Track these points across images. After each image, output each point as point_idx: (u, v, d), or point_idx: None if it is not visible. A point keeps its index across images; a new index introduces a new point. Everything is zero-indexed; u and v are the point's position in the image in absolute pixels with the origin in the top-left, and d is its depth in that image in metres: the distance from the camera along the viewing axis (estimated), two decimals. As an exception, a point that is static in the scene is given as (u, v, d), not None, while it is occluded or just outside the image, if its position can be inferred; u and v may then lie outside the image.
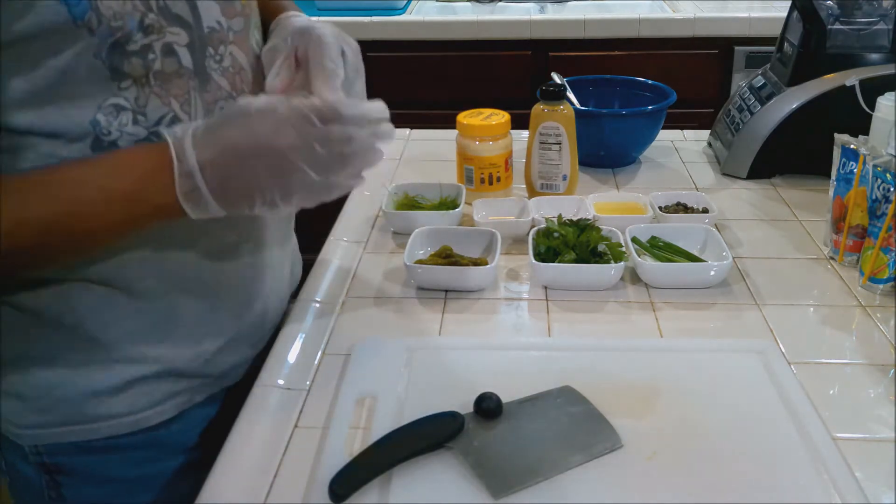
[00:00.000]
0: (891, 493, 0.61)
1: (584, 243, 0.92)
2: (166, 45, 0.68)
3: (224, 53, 0.73)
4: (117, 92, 0.66)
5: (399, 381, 0.74)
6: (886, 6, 1.13)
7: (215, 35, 0.72)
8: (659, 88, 1.30)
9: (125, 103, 0.67)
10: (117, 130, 0.67)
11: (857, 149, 0.91)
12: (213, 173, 0.64)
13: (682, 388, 0.72)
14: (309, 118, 0.65)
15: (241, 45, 0.76)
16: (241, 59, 0.76)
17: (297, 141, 0.65)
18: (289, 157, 0.65)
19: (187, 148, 0.64)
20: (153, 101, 0.68)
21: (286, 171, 0.65)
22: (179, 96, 0.70)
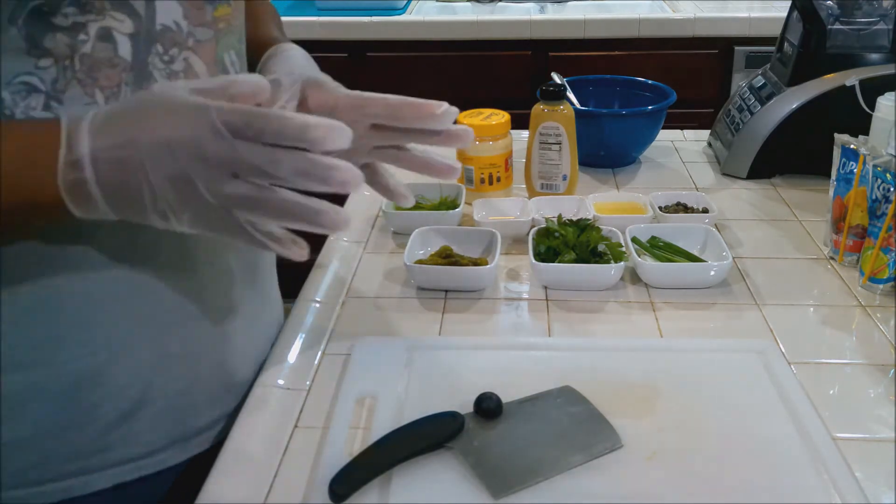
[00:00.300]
0: (891, 493, 0.61)
1: (584, 243, 0.92)
2: (104, 29, 0.59)
3: (176, 56, 0.65)
4: (33, 69, 0.57)
5: (399, 381, 0.74)
6: (886, 6, 1.13)
7: (168, 34, 0.64)
8: (659, 88, 1.30)
9: (39, 84, 0.58)
10: (23, 113, 0.57)
11: (857, 149, 0.91)
12: (105, 167, 0.53)
13: (682, 388, 0.72)
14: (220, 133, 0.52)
15: (202, 55, 0.67)
16: (199, 69, 0.67)
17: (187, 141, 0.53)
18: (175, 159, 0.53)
19: (82, 132, 0.53)
20: (74, 87, 0.59)
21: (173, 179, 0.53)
22: (107, 88, 0.61)
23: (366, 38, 2.27)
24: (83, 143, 0.53)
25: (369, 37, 2.26)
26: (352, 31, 2.26)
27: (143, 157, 0.53)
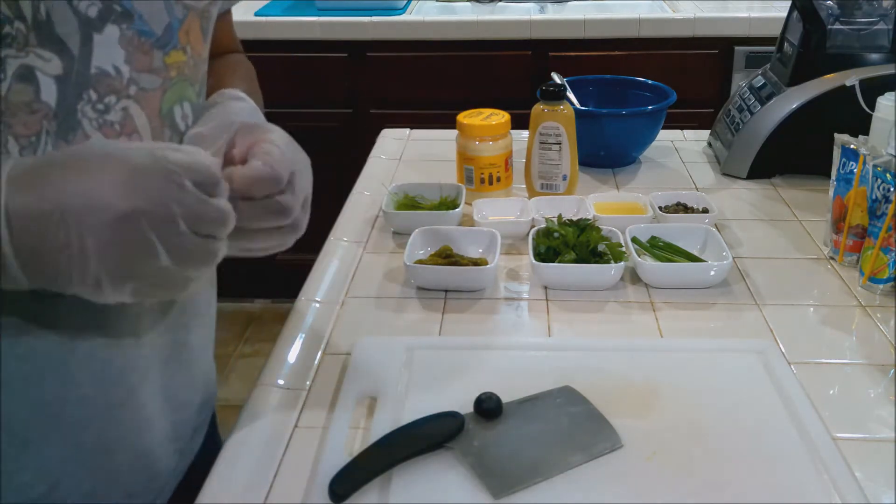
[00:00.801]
0: (891, 493, 0.61)
1: (584, 243, 0.92)
2: (24, 67, 0.51)
3: (112, 104, 0.57)
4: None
5: (399, 381, 0.74)
6: (886, 6, 1.13)
7: (105, 80, 0.56)
8: (659, 88, 1.30)
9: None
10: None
11: (857, 149, 0.91)
12: (23, 225, 0.47)
13: (682, 388, 0.72)
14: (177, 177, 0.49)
15: (145, 105, 0.60)
16: (140, 121, 0.59)
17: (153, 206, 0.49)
18: (136, 225, 0.48)
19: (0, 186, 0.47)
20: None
21: (128, 246, 0.49)
22: (23, 136, 0.52)
23: (366, 38, 2.27)
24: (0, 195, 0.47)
25: (369, 37, 2.26)
26: (352, 31, 2.26)
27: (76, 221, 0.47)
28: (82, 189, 0.48)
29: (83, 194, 0.48)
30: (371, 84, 2.31)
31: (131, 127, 0.59)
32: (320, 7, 2.32)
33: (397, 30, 2.26)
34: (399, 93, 2.32)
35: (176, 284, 0.52)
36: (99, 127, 0.56)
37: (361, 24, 2.25)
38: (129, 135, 0.59)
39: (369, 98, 2.33)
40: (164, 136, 0.62)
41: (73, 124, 0.55)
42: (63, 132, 0.55)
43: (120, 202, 0.48)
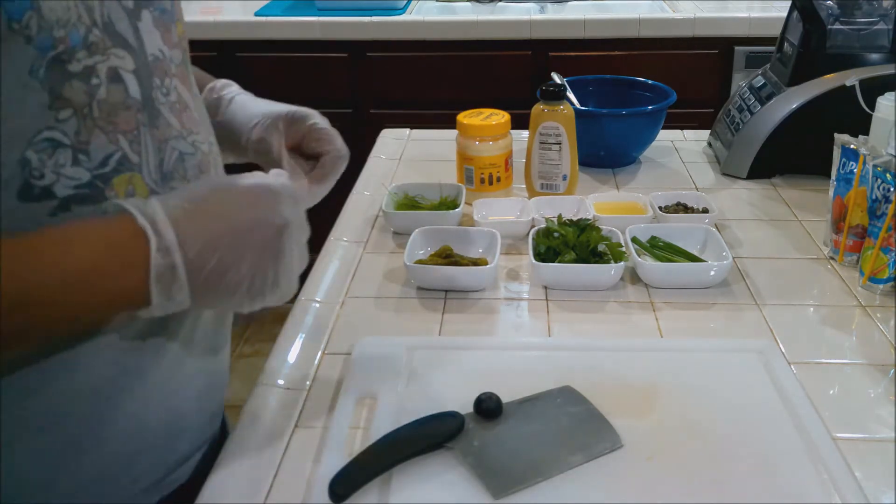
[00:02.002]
0: (891, 493, 0.61)
1: (584, 243, 0.92)
2: (112, 70, 0.57)
3: (170, 87, 0.63)
4: (54, 123, 0.54)
5: (399, 381, 0.74)
6: (886, 6, 1.13)
7: (158, 65, 0.62)
8: (659, 88, 1.30)
9: (63, 138, 0.54)
10: (53, 173, 0.54)
11: (857, 149, 0.91)
12: (195, 249, 0.54)
13: (681, 388, 0.72)
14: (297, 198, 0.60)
15: (182, 80, 0.66)
16: (185, 96, 0.65)
17: (294, 220, 0.59)
18: (286, 236, 0.58)
19: (160, 219, 0.54)
20: (97, 136, 0.56)
21: (279, 254, 0.58)
22: (128, 132, 0.58)
23: (366, 38, 2.27)
24: (168, 230, 0.54)
25: (369, 37, 2.26)
26: (352, 31, 2.26)
27: (245, 240, 0.56)
28: (245, 212, 0.57)
29: (249, 217, 0.57)
30: (371, 84, 2.31)
31: (183, 104, 0.65)
32: (320, 7, 2.32)
33: (397, 30, 2.26)
34: (399, 93, 2.32)
35: (294, 288, 0.61)
36: (171, 110, 0.63)
37: (361, 24, 2.25)
38: (184, 110, 0.65)
39: (369, 98, 2.32)
40: (198, 103, 0.69)
41: (155, 112, 0.61)
42: (152, 121, 0.61)
43: (276, 220, 0.58)
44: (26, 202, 0.54)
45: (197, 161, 0.65)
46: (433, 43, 2.27)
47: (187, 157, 0.64)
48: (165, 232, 0.53)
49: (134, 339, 0.62)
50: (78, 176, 0.55)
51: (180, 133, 0.63)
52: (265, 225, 0.57)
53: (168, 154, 0.62)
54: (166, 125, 0.62)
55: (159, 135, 0.61)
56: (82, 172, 0.56)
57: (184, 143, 0.64)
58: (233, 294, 0.57)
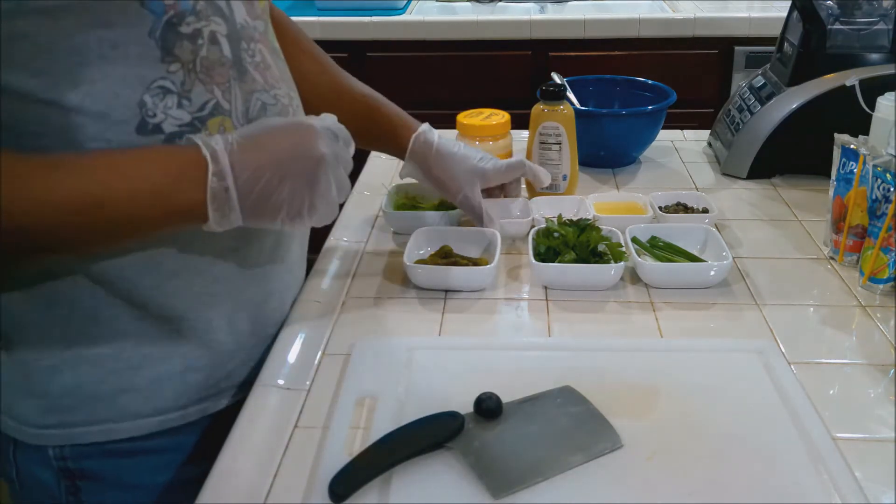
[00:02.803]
0: (891, 493, 0.61)
1: (584, 243, 0.92)
2: (212, 34, 0.70)
3: (255, 49, 0.75)
4: (165, 74, 0.67)
5: (399, 381, 0.74)
6: (886, 6, 1.13)
7: (246, 32, 0.74)
8: (659, 88, 1.30)
9: (171, 86, 0.68)
10: (162, 113, 0.67)
11: (857, 149, 0.91)
12: (245, 175, 0.67)
13: (682, 388, 0.72)
14: (336, 135, 0.72)
15: (265, 44, 0.77)
16: (268, 57, 0.77)
17: (329, 153, 0.70)
18: (322, 166, 0.70)
19: (219, 150, 0.66)
20: (198, 86, 0.69)
21: (316, 181, 0.70)
22: (221, 84, 0.71)
23: (366, 38, 2.27)
24: (223, 156, 0.66)
25: (369, 37, 2.26)
26: (352, 31, 2.26)
27: (279, 165, 0.68)
28: (286, 146, 0.69)
29: (289, 150, 0.69)
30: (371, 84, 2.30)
31: (266, 64, 0.76)
32: (320, 7, 2.32)
33: (397, 30, 2.26)
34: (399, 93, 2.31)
35: (334, 212, 0.74)
36: (255, 67, 0.75)
37: (361, 24, 2.25)
38: (268, 69, 0.76)
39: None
40: (279, 64, 0.80)
41: (244, 70, 0.73)
42: (241, 77, 0.73)
43: (313, 152, 0.70)
44: (142, 136, 0.67)
45: (277, 110, 0.77)
46: (433, 43, 2.27)
47: (269, 107, 0.76)
48: (222, 159, 0.66)
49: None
50: (181, 117, 0.68)
51: (263, 87, 0.75)
52: (303, 157, 0.69)
53: (253, 104, 0.74)
54: (252, 80, 0.74)
55: (246, 87, 0.73)
56: (184, 114, 0.69)
57: (266, 96, 0.76)
58: (276, 214, 0.69)
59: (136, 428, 0.76)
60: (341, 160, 0.73)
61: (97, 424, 0.75)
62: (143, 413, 0.76)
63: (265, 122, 0.71)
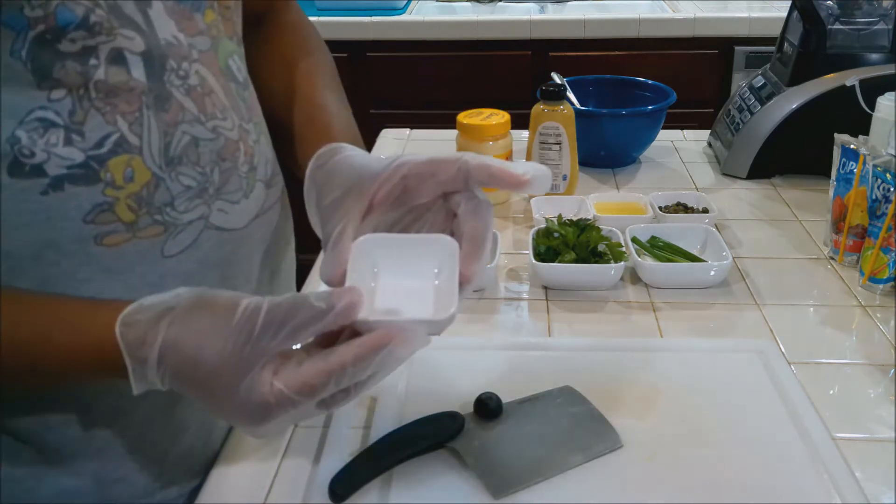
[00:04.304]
0: (891, 493, 0.61)
1: (584, 243, 0.92)
2: (115, 51, 0.56)
3: (189, 71, 0.61)
4: (45, 103, 0.54)
5: (399, 381, 0.74)
6: (886, 6, 1.13)
7: (174, 49, 0.60)
8: (659, 88, 1.30)
9: (55, 118, 0.54)
10: (44, 152, 0.54)
11: (857, 149, 0.91)
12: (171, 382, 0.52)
13: (682, 388, 0.72)
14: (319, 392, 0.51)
15: (209, 65, 0.64)
16: (212, 81, 0.64)
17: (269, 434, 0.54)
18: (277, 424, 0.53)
19: (152, 361, 0.51)
20: (94, 117, 0.55)
21: (262, 430, 0.53)
22: (128, 113, 0.57)
23: (366, 38, 2.27)
24: (152, 370, 0.51)
25: (369, 37, 2.26)
26: (352, 31, 2.26)
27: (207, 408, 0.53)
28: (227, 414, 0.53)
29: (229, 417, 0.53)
30: (371, 84, 2.31)
31: (208, 87, 0.63)
32: (320, 7, 2.32)
33: (397, 30, 2.26)
34: (399, 93, 2.33)
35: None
36: (187, 93, 0.61)
37: (361, 24, 2.25)
38: (208, 94, 0.63)
39: (369, 98, 2.33)
40: (231, 89, 0.66)
41: (166, 95, 0.59)
42: (160, 105, 0.59)
43: (253, 433, 0.54)
44: (17, 178, 0.54)
45: (217, 147, 0.63)
46: (433, 43, 2.27)
47: (203, 143, 0.62)
48: (147, 372, 0.51)
49: None
50: (71, 156, 0.55)
51: (196, 118, 0.62)
52: (249, 430, 0.54)
53: (177, 138, 0.60)
54: (178, 109, 0.60)
55: (168, 118, 0.60)
56: (76, 153, 0.55)
57: (200, 128, 0.62)
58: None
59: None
60: (298, 418, 0.53)
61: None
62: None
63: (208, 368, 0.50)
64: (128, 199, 0.58)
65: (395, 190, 0.59)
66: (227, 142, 0.64)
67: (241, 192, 0.66)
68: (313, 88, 0.76)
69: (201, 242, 0.62)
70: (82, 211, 0.56)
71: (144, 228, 0.59)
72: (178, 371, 0.51)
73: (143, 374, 0.52)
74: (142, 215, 0.59)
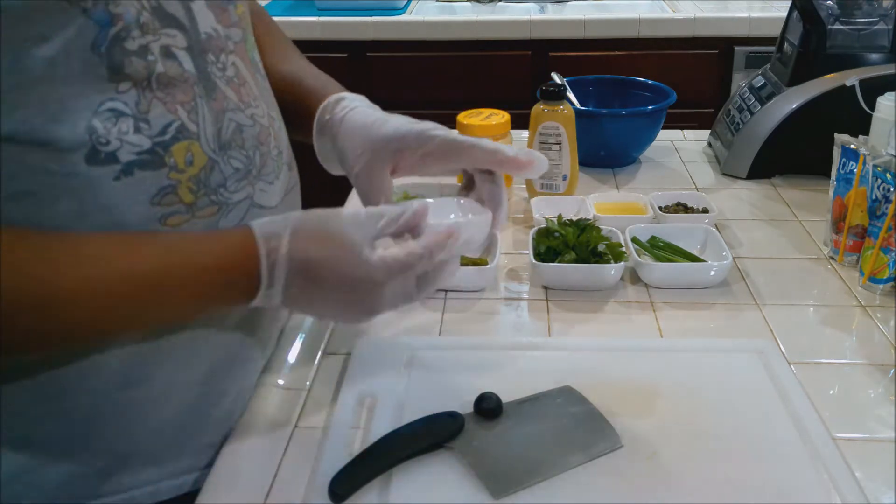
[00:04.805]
0: (891, 493, 0.61)
1: (584, 243, 0.92)
2: (164, 48, 0.61)
3: (226, 62, 0.67)
4: (115, 95, 0.58)
5: (399, 381, 0.74)
6: (886, 6, 1.13)
7: (213, 42, 0.65)
8: (659, 88, 1.30)
9: (125, 108, 0.59)
10: (117, 140, 0.58)
11: (857, 149, 0.91)
12: (292, 295, 0.61)
13: (682, 388, 0.72)
14: (410, 269, 0.62)
15: (241, 56, 0.70)
16: (244, 72, 0.69)
17: (382, 310, 0.64)
18: (369, 317, 0.65)
19: (278, 273, 0.60)
20: (157, 106, 0.60)
21: (370, 308, 0.64)
22: (185, 103, 0.62)
23: (366, 38, 2.27)
24: (278, 285, 0.60)
25: (369, 37, 2.26)
26: (352, 31, 2.26)
27: (332, 291, 0.62)
28: (343, 301, 0.63)
29: (343, 306, 0.63)
30: (371, 84, 2.31)
31: (242, 78, 0.69)
32: (320, 7, 2.32)
33: (397, 30, 2.26)
34: (399, 93, 2.32)
35: None
36: (227, 83, 0.67)
37: (361, 24, 2.25)
38: (243, 84, 0.68)
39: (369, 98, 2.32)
40: (258, 80, 0.72)
41: (212, 86, 0.65)
42: (209, 94, 0.64)
43: (370, 313, 0.65)
44: (93, 166, 0.58)
45: (255, 133, 0.69)
46: (433, 43, 2.27)
47: (245, 129, 0.68)
48: (276, 279, 0.60)
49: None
50: (140, 143, 0.60)
51: (238, 105, 0.67)
52: (359, 310, 0.64)
53: (225, 124, 0.66)
54: (223, 98, 0.66)
55: (216, 106, 0.65)
56: (143, 140, 0.60)
57: (241, 115, 0.67)
58: (317, 317, 0.70)
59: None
60: (405, 296, 0.64)
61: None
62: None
63: (331, 245, 0.61)
64: (188, 182, 0.63)
65: (416, 162, 0.73)
66: (261, 128, 0.70)
67: (274, 173, 0.72)
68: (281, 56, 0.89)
69: (247, 220, 0.67)
70: (149, 194, 0.61)
71: (202, 209, 0.64)
72: (306, 251, 0.60)
73: (272, 265, 0.60)
74: (200, 196, 0.64)
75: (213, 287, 0.60)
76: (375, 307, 0.63)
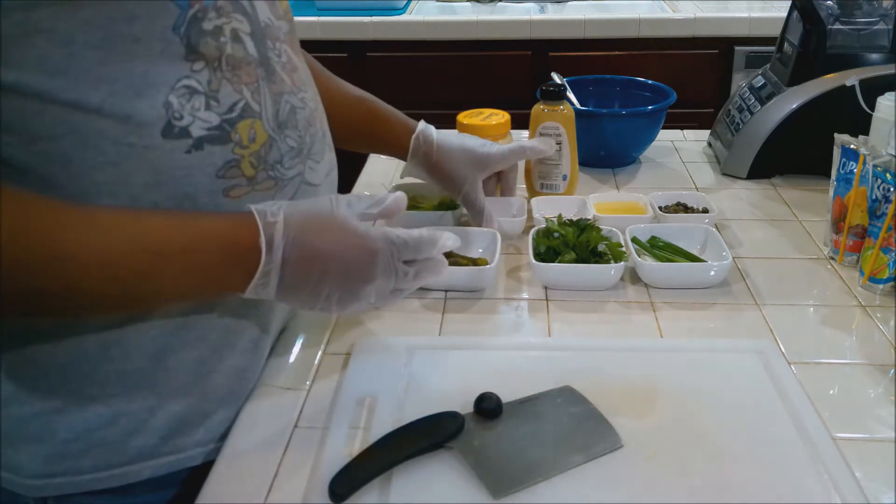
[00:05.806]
0: (891, 493, 0.61)
1: (584, 243, 0.92)
2: (234, 31, 0.66)
3: (281, 49, 0.72)
4: (190, 73, 0.63)
5: (399, 381, 0.74)
6: (886, 6, 1.13)
7: (270, 31, 0.71)
8: (659, 88, 1.30)
9: (198, 86, 0.63)
10: (190, 115, 0.63)
11: (857, 149, 0.91)
12: (291, 272, 0.65)
13: (682, 388, 0.72)
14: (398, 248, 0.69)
15: (291, 45, 0.75)
16: (294, 59, 0.75)
17: (379, 278, 0.68)
18: (364, 287, 0.68)
19: (277, 240, 0.64)
20: (225, 86, 0.65)
21: (356, 298, 0.69)
22: (249, 84, 0.67)
23: (366, 38, 2.27)
24: (277, 251, 0.64)
25: (369, 37, 2.26)
26: (352, 31, 2.26)
27: (328, 268, 0.66)
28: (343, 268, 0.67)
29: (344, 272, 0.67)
30: (371, 84, 2.30)
31: (293, 65, 0.74)
32: (320, 7, 2.32)
33: (397, 30, 2.26)
34: (399, 93, 2.32)
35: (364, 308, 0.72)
36: (282, 68, 0.72)
37: (361, 24, 2.25)
38: (294, 70, 0.74)
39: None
40: (303, 68, 0.78)
41: (271, 69, 0.70)
42: (269, 76, 0.70)
43: (366, 276, 0.68)
44: (168, 139, 0.63)
45: (306, 115, 0.74)
46: (433, 43, 2.27)
47: (298, 111, 0.73)
48: (274, 253, 0.64)
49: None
50: (210, 119, 0.64)
51: (291, 89, 0.73)
52: (355, 279, 0.68)
53: (283, 106, 0.71)
54: (280, 81, 0.71)
55: (275, 89, 0.70)
56: (213, 116, 0.65)
57: (295, 98, 0.73)
58: (304, 306, 0.68)
59: (152, 469, 0.70)
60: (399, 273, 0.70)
61: (108, 469, 0.69)
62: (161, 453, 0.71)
63: (323, 218, 0.67)
64: (250, 157, 0.68)
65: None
66: (310, 111, 0.75)
67: (320, 153, 0.77)
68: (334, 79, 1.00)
69: (298, 195, 0.73)
70: (216, 167, 0.65)
71: (261, 182, 0.69)
72: (302, 224, 0.65)
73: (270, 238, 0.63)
74: (259, 171, 0.69)
75: (214, 255, 0.63)
76: (371, 274, 0.68)
